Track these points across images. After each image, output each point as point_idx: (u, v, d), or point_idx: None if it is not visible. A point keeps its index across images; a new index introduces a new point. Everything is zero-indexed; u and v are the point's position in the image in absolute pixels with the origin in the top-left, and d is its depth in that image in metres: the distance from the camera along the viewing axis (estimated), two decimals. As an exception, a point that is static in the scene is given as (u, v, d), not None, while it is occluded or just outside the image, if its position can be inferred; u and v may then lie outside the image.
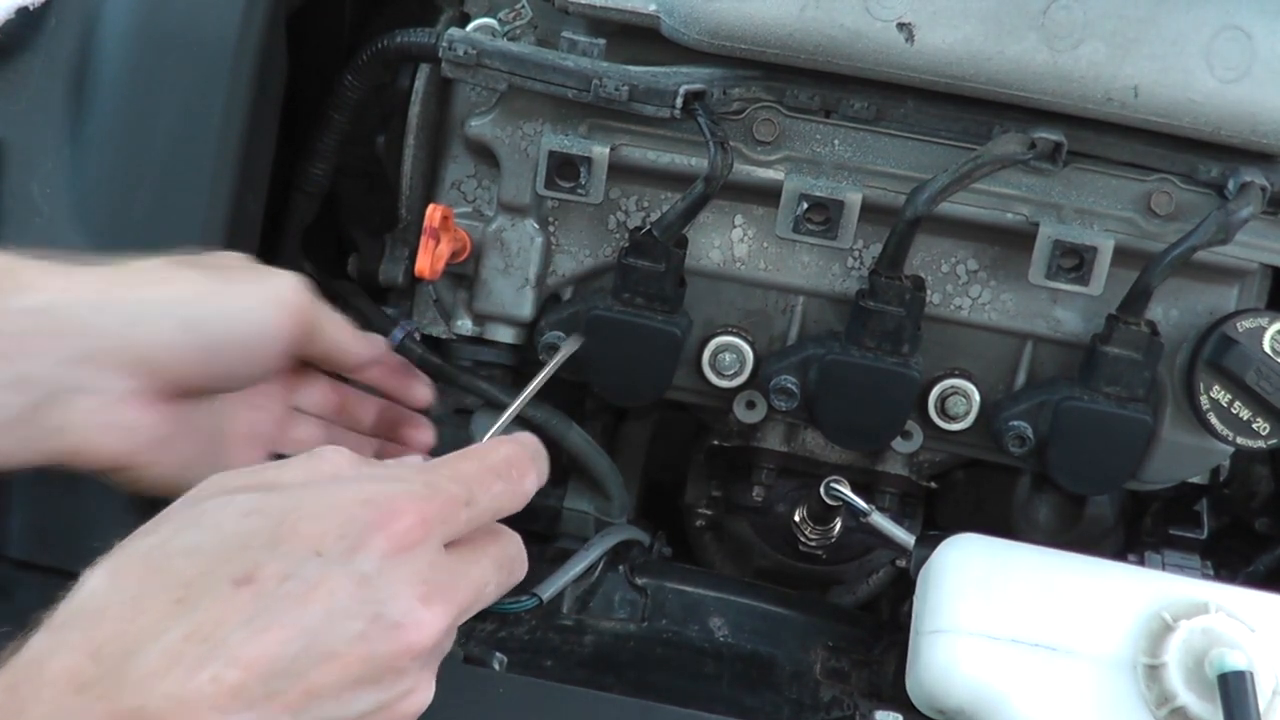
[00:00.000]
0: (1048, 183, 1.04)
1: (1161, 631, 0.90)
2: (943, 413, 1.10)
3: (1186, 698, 0.87)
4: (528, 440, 0.79)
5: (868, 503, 1.11)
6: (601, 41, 1.03)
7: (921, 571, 0.97)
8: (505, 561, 0.75)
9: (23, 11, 1.01)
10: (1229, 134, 0.97)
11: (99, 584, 0.63)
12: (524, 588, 1.05)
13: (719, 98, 1.01)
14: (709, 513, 1.33)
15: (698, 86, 1.00)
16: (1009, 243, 1.07)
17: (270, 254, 1.12)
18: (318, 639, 0.62)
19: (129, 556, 0.64)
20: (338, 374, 0.97)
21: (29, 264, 0.78)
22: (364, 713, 0.64)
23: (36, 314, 0.76)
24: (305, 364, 0.93)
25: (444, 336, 1.15)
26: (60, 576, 0.67)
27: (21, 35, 1.03)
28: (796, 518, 1.25)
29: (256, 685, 0.59)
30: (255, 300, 0.83)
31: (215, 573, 0.62)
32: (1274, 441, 1.03)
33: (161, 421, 0.81)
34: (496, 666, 0.98)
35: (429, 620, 0.66)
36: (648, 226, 1.03)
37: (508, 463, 0.75)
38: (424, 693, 0.69)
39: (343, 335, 0.90)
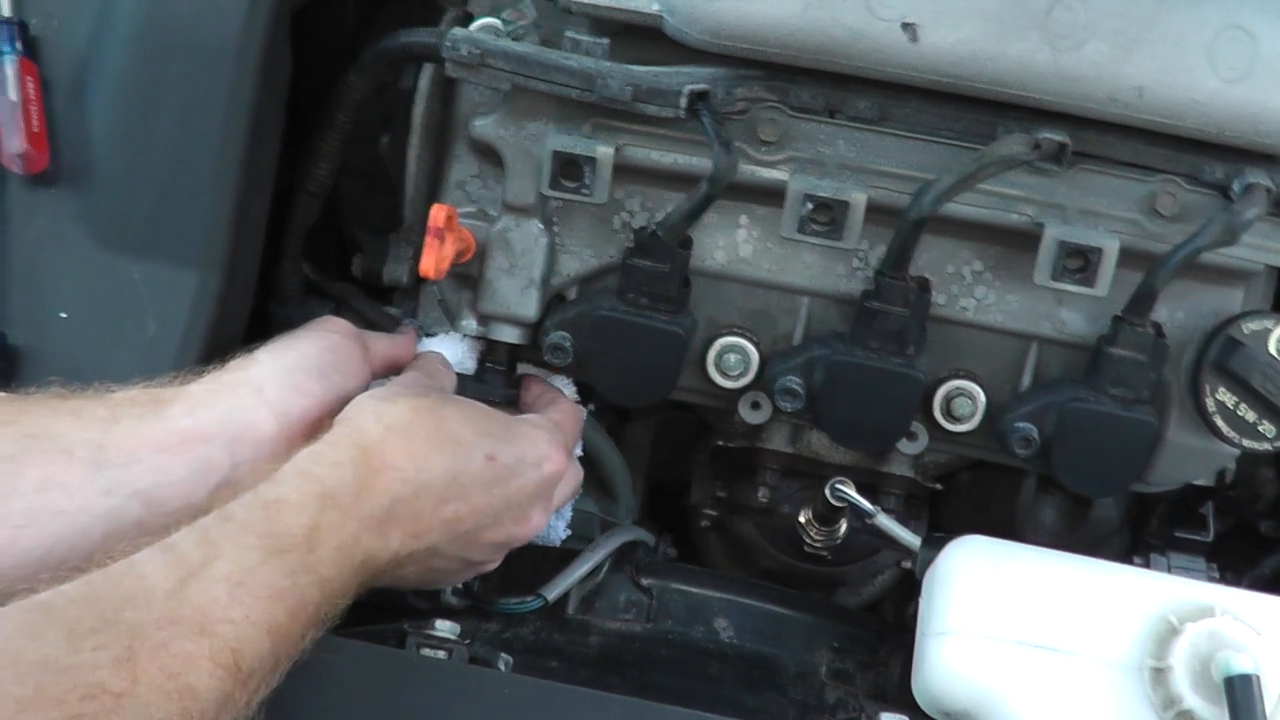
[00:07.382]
0: (1052, 183, 1.04)
1: (1167, 634, 0.89)
2: (948, 414, 1.10)
3: (1193, 701, 0.87)
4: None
5: (873, 504, 1.11)
6: (605, 41, 1.02)
7: (927, 573, 0.97)
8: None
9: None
10: (1233, 134, 0.97)
11: (403, 416, 0.90)
12: (529, 589, 1.05)
13: (723, 98, 1.01)
14: (714, 513, 1.33)
15: (701, 86, 1.00)
16: (1014, 244, 1.06)
17: (274, 254, 1.12)
18: (503, 511, 0.95)
19: (419, 409, 0.92)
20: None
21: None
22: (486, 560, 0.98)
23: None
24: None
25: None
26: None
27: (25, 36, 1.03)
28: (801, 519, 1.25)
29: (470, 523, 0.92)
30: (318, 336, 1.01)
31: (475, 444, 0.93)
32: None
33: None
34: (502, 667, 0.98)
35: (540, 522, 1.00)
36: (652, 227, 1.03)
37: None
38: None
39: (384, 340, 1.10)
